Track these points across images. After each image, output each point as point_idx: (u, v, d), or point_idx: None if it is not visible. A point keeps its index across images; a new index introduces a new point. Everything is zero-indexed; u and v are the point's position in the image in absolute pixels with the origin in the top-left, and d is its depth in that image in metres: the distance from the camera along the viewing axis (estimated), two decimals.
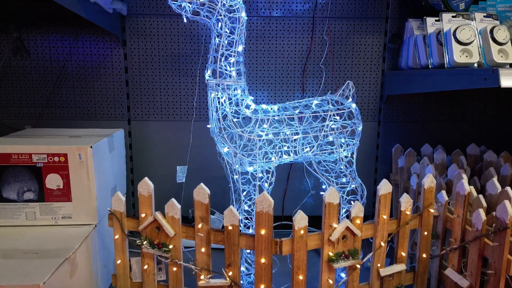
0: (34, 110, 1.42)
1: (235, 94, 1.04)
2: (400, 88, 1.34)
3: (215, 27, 1.02)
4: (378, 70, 1.47)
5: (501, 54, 1.07)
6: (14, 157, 1.00)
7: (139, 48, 1.41)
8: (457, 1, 1.20)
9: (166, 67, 1.43)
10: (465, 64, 1.07)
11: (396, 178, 1.48)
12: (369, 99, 1.49)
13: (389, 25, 1.43)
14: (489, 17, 1.11)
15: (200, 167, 1.47)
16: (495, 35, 1.06)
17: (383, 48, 1.45)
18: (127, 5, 1.36)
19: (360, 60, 1.46)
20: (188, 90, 1.45)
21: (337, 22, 1.43)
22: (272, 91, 1.47)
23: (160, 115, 1.46)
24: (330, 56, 1.45)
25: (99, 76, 1.42)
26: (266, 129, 1.05)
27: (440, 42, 1.14)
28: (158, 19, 1.39)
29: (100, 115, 1.44)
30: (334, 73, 1.46)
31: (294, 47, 1.44)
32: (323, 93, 1.47)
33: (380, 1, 1.42)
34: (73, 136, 1.15)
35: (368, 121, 1.51)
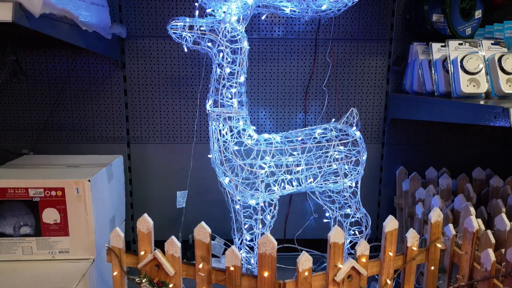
0: (31, 133, 1.40)
1: (237, 126, 1.01)
2: (404, 113, 1.31)
3: (216, 57, 1.00)
4: (382, 92, 1.45)
5: (509, 84, 1.05)
6: (10, 191, 0.97)
7: (139, 70, 1.38)
8: (464, 27, 1.18)
9: (166, 89, 1.40)
10: (472, 94, 1.05)
11: (401, 202, 1.45)
12: (373, 121, 1.47)
13: (393, 47, 1.41)
14: (496, 45, 1.09)
15: (200, 190, 1.45)
16: (503, 64, 1.04)
17: (387, 70, 1.43)
18: (127, 27, 1.34)
19: (363, 82, 1.44)
20: (189, 113, 1.42)
21: (340, 44, 1.40)
22: (274, 112, 1.44)
23: (160, 137, 1.43)
24: (333, 78, 1.42)
25: (97, 99, 1.39)
26: (269, 161, 1.02)
27: (446, 70, 1.11)
28: (158, 41, 1.37)
29: (99, 137, 1.42)
30: (337, 95, 1.44)
31: (296, 68, 1.42)
32: (326, 115, 1.45)
33: (384, 23, 1.39)
34: (71, 165, 1.12)
35: (372, 143, 1.48)
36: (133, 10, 1.34)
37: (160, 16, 1.35)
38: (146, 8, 1.34)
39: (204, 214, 1.48)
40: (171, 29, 0.98)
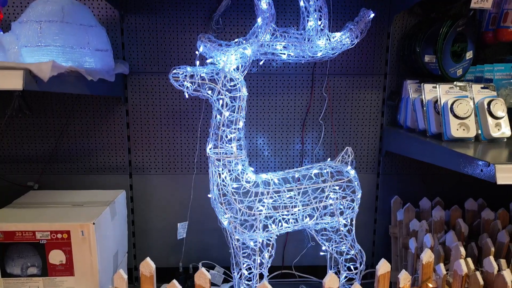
0: (36, 165, 1.44)
1: (236, 169, 1.05)
2: (398, 148, 1.36)
3: (216, 104, 1.04)
4: (377, 124, 1.49)
5: (498, 128, 1.09)
6: (18, 234, 1.01)
7: (141, 104, 1.42)
8: (455, 69, 1.22)
9: (167, 122, 1.44)
10: (462, 138, 1.09)
11: (395, 231, 1.49)
12: (368, 152, 1.51)
13: (388, 81, 1.45)
14: (486, 88, 1.13)
15: (200, 219, 1.49)
16: (492, 109, 1.08)
17: (382, 103, 1.47)
18: (129, 63, 1.38)
19: (359, 115, 1.48)
20: (189, 145, 1.46)
21: (336, 79, 1.44)
22: (272, 144, 1.48)
23: (161, 168, 1.48)
24: (329, 111, 1.47)
25: (101, 132, 1.43)
26: (267, 204, 1.06)
27: (437, 111, 1.15)
28: (160, 76, 1.41)
29: (101, 169, 1.46)
30: (333, 127, 1.48)
31: (293, 102, 1.46)
32: (323, 146, 1.49)
33: (379, 59, 1.43)
34: (75, 204, 1.16)
35: (368, 173, 1.52)
36: (136, 47, 1.38)
37: (162, 53, 1.39)
38: (148, 45, 1.39)
39: (204, 243, 1.52)
40: (172, 78, 1.02)
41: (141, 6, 1.36)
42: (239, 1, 1.37)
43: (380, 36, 1.42)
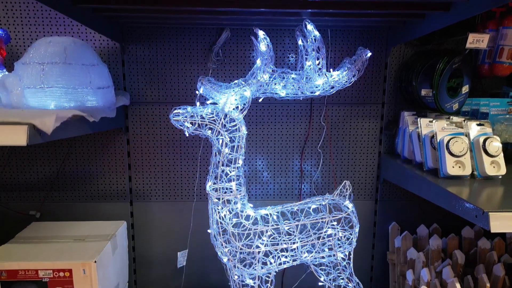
0: (38, 193, 1.46)
1: (235, 208, 1.07)
2: (396, 179, 1.37)
3: (216, 143, 1.06)
4: (375, 152, 1.51)
5: (493, 165, 1.11)
6: (21, 272, 1.03)
7: (142, 133, 1.44)
8: (451, 103, 1.24)
9: (167, 151, 1.46)
10: (458, 176, 1.11)
11: (393, 258, 1.51)
12: (366, 180, 1.53)
13: (386, 110, 1.47)
14: (482, 125, 1.15)
15: (200, 247, 1.50)
16: (487, 147, 1.10)
17: (379, 131, 1.49)
18: (130, 93, 1.40)
19: (357, 143, 1.50)
20: (189, 173, 1.48)
21: (335, 108, 1.46)
22: (271, 171, 1.50)
23: (161, 196, 1.49)
24: (328, 139, 1.49)
25: (102, 161, 1.45)
26: (266, 241, 1.08)
27: (434, 147, 1.17)
28: (160, 106, 1.43)
29: (103, 197, 1.48)
30: (331, 155, 1.50)
31: (292, 130, 1.48)
32: (321, 173, 1.51)
33: (377, 88, 1.45)
34: (77, 239, 1.18)
35: (366, 199, 1.54)
36: (136, 78, 1.40)
37: (162, 83, 1.41)
38: (149, 76, 1.40)
39: (204, 270, 1.54)
40: (173, 119, 1.04)
41: (142, 38, 1.38)
42: (238, 33, 1.39)
43: (378, 66, 1.44)
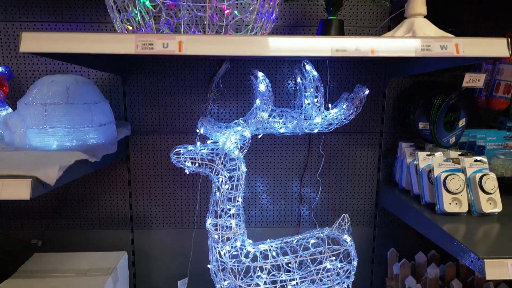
0: (40, 221, 1.47)
1: (235, 245, 1.08)
2: (393, 209, 1.39)
3: (216, 182, 1.07)
4: (373, 180, 1.52)
5: (489, 202, 1.12)
6: None
7: (142, 162, 1.46)
8: (448, 138, 1.25)
9: (168, 179, 1.48)
10: (455, 213, 1.12)
11: (392, 284, 1.52)
12: (365, 206, 1.54)
13: (384, 138, 1.48)
14: (478, 161, 1.16)
15: (200, 272, 1.52)
16: (484, 185, 1.11)
17: (378, 159, 1.50)
18: (131, 123, 1.42)
19: (356, 171, 1.51)
20: (189, 200, 1.50)
21: (333, 137, 1.48)
22: (271, 198, 1.52)
23: (162, 223, 1.51)
24: (327, 167, 1.50)
25: (103, 189, 1.47)
26: (265, 278, 1.09)
27: (431, 181, 1.19)
28: (161, 135, 1.44)
29: (104, 224, 1.49)
30: (330, 183, 1.51)
31: (291, 158, 1.49)
32: (320, 200, 1.52)
33: (375, 117, 1.47)
34: (79, 273, 1.19)
35: (364, 226, 1.56)
36: (137, 108, 1.42)
37: (163, 113, 1.43)
38: (150, 106, 1.42)
39: None
40: (174, 158, 1.05)
41: (143, 69, 1.40)
42: (238, 65, 1.41)
43: (376, 95, 1.45)
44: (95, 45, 0.72)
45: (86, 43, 0.72)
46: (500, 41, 0.77)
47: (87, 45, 0.72)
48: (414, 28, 0.84)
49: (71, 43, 0.72)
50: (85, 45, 0.72)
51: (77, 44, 0.72)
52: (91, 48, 0.72)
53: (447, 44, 0.75)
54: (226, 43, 0.74)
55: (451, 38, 0.76)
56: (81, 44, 0.72)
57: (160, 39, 0.73)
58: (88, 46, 0.72)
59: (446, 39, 0.76)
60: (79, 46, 0.72)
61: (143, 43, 0.73)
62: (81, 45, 0.72)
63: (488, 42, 0.77)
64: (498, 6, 1.39)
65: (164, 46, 0.73)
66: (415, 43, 0.73)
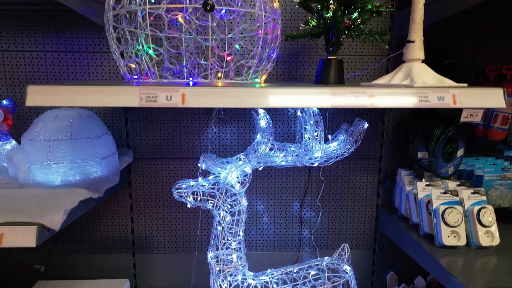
0: (43, 246, 1.48)
1: (236, 279, 1.10)
2: (393, 236, 1.40)
3: (217, 216, 1.09)
4: (373, 205, 1.54)
5: (487, 235, 1.14)
6: None
7: (144, 188, 1.47)
8: (446, 168, 1.27)
9: (169, 205, 1.49)
10: (453, 246, 1.13)
11: None
12: (365, 231, 1.56)
13: (383, 164, 1.50)
14: (476, 193, 1.18)
15: None
16: (481, 218, 1.13)
17: (377, 184, 1.52)
18: (133, 150, 1.43)
19: (355, 196, 1.53)
20: (191, 225, 1.51)
21: (333, 162, 1.49)
22: (271, 223, 1.53)
23: (163, 248, 1.52)
24: (327, 192, 1.51)
25: (105, 214, 1.48)
26: None
27: (429, 212, 1.20)
28: (163, 162, 1.46)
29: (106, 249, 1.50)
30: (330, 208, 1.53)
31: (292, 184, 1.51)
32: (320, 225, 1.54)
33: (374, 143, 1.48)
34: None
35: (364, 250, 1.57)
36: (139, 135, 1.43)
37: (165, 140, 1.44)
38: (152, 133, 1.43)
39: None
40: (176, 192, 1.07)
41: None
42: None
43: (375, 122, 1.47)
44: (100, 98, 0.74)
45: (91, 96, 0.73)
46: (497, 92, 0.78)
47: (92, 98, 0.73)
48: (412, 75, 0.85)
49: (77, 96, 0.73)
50: (90, 98, 0.73)
51: (83, 97, 0.73)
52: (96, 101, 0.73)
53: (444, 95, 0.77)
54: (228, 96, 0.75)
55: (448, 89, 0.78)
56: (86, 97, 0.73)
57: (164, 92, 0.75)
58: (93, 100, 0.73)
59: (443, 90, 0.78)
60: (84, 100, 0.73)
61: (147, 95, 0.74)
62: (86, 98, 0.73)
63: (485, 92, 0.78)
64: (496, 39, 1.41)
65: (167, 98, 0.75)
66: (413, 98, 0.74)
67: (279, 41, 0.98)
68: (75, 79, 1.38)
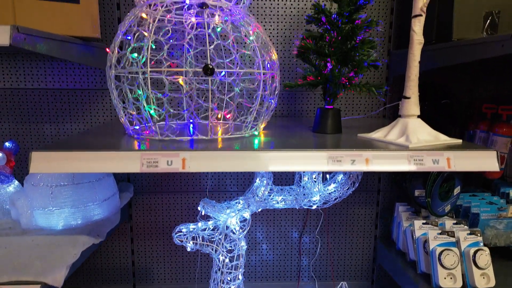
0: None
1: None
2: (390, 270, 1.41)
3: (216, 260, 1.10)
4: (371, 236, 1.55)
5: (483, 277, 1.15)
6: None
7: (144, 221, 1.49)
8: (443, 207, 1.28)
9: (169, 237, 1.51)
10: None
11: None
12: (363, 262, 1.57)
13: (381, 197, 1.51)
14: (473, 234, 1.19)
15: None
16: (477, 260, 1.14)
17: (375, 216, 1.54)
18: (134, 184, 1.45)
19: (354, 228, 1.54)
20: (190, 257, 1.53)
21: None
22: (271, 254, 1.54)
23: (163, 279, 1.54)
24: (325, 224, 1.53)
25: (106, 246, 1.50)
26: None
27: (426, 251, 1.22)
28: (163, 195, 1.47)
29: (107, 281, 1.52)
30: (328, 240, 1.54)
31: (291, 216, 1.52)
32: (319, 257, 1.55)
33: (372, 176, 1.50)
34: None
35: (362, 280, 1.59)
36: None
37: (165, 173, 1.46)
38: None
39: None
40: (176, 237, 1.08)
41: None
42: None
43: None
44: (102, 164, 0.75)
45: (93, 163, 0.75)
46: (490, 154, 0.80)
47: (94, 165, 0.75)
48: (408, 132, 0.87)
49: (80, 163, 0.75)
50: (92, 165, 0.75)
51: (85, 164, 0.75)
52: (98, 168, 0.75)
53: (439, 159, 0.79)
54: (227, 160, 0.77)
55: (442, 152, 0.80)
56: (89, 164, 0.75)
57: (165, 157, 0.76)
58: (95, 166, 0.75)
59: (438, 153, 0.79)
60: (87, 167, 0.75)
61: (148, 161, 0.76)
62: (89, 165, 0.75)
63: (478, 155, 0.80)
64: (491, 80, 1.43)
65: (168, 163, 0.76)
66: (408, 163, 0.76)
67: (278, 91, 0.99)
68: (77, 116, 1.40)
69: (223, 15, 0.85)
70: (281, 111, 1.45)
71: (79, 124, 1.40)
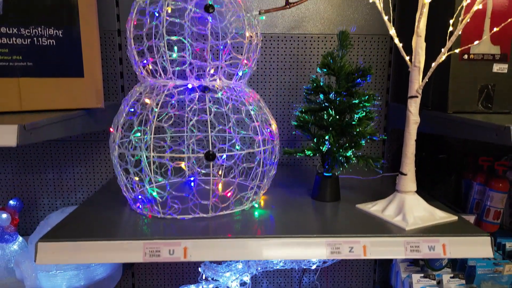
0: None
1: None
2: None
3: None
4: (369, 281, 1.57)
5: None
6: None
7: (146, 267, 1.51)
8: (440, 261, 1.30)
9: (171, 283, 1.52)
10: None
11: None
12: None
13: None
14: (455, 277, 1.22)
15: None
16: None
17: (374, 261, 1.55)
18: None
19: (352, 273, 1.56)
20: None
21: None
22: None
23: None
24: (325, 269, 1.55)
25: None
26: None
27: None
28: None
29: None
30: (328, 285, 1.56)
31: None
32: None
33: None
34: None
35: None
36: None
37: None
38: None
39: None
40: None
41: None
42: None
43: None
44: (106, 254, 0.77)
45: (97, 253, 0.77)
46: (484, 240, 0.82)
47: (98, 256, 0.77)
48: (405, 210, 0.89)
49: (84, 254, 0.77)
50: (96, 256, 0.77)
51: (90, 255, 0.77)
52: (102, 258, 0.77)
53: (435, 245, 0.81)
54: (229, 248, 0.79)
55: (438, 238, 0.82)
56: (93, 255, 0.77)
57: (167, 246, 0.79)
58: (99, 257, 0.77)
59: (433, 239, 0.81)
60: (91, 257, 0.77)
61: (151, 250, 0.78)
62: (93, 256, 0.77)
63: (473, 241, 0.82)
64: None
65: (170, 253, 0.78)
66: (405, 250, 0.79)
67: (277, 159, 1.02)
68: (79, 166, 1.42)
69: (224, 100, 0.87)
70: (281, 160, 1.47)
71: (81, 169, 1.43)
